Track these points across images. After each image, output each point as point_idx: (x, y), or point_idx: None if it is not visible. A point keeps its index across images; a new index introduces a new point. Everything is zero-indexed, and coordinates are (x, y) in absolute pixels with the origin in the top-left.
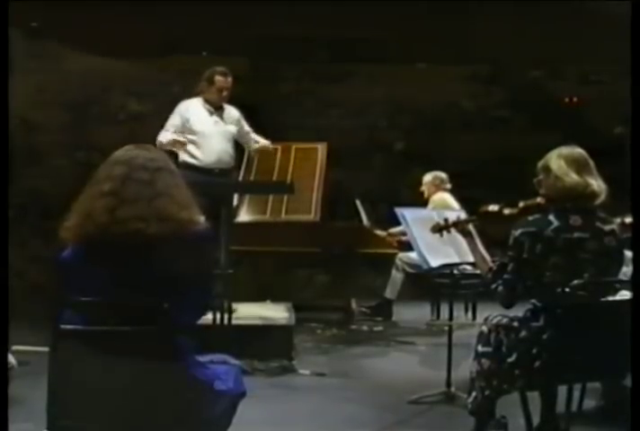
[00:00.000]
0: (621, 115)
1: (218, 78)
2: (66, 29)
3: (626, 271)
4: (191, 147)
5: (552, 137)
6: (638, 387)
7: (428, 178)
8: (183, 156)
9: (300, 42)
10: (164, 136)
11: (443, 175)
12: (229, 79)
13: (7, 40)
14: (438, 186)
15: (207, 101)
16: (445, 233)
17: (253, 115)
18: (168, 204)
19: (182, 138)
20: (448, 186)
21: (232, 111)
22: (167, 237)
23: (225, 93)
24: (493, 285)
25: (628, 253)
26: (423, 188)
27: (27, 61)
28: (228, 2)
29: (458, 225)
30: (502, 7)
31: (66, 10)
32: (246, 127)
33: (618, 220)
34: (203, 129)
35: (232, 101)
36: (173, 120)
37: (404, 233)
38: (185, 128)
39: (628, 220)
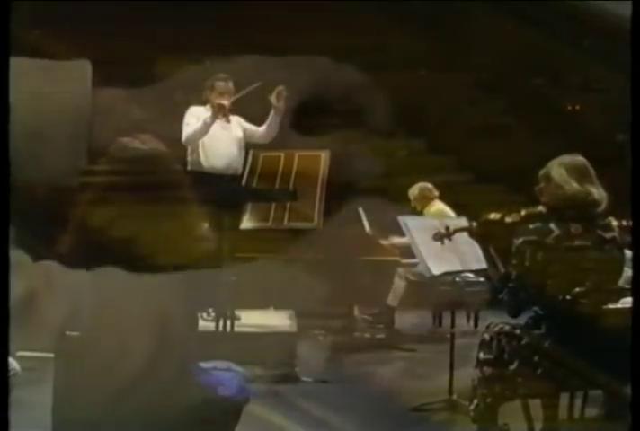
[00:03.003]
0: (623, 122)
1: (219, 83)
2: (67, 33)
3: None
4: (201, 152)
5: (553, 144)
6: (638, 395)
7: (415, 191)
8: (192, 164)
9: (301, 48)
10: (192, 128)
11: (429, 185)
12: (230, 84)
13: (8, 41)
14: (428, 197)
15: (212, 107)
16: (447, 240)
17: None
18: (177, 233)
19: (222, 101)
20: (437, 193)
21: (235, 117)
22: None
23: (226, 98)
24: (500, 295)
25: (628, 253)
26: (414, 204)
27: (28, 68)
28: (231, 5)
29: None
30: (503, 13)
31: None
32: (252, 127)
33: (615, 223)
34: (211, 133)
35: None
36: (190, 118)
37: (407, 245)
38: None
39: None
